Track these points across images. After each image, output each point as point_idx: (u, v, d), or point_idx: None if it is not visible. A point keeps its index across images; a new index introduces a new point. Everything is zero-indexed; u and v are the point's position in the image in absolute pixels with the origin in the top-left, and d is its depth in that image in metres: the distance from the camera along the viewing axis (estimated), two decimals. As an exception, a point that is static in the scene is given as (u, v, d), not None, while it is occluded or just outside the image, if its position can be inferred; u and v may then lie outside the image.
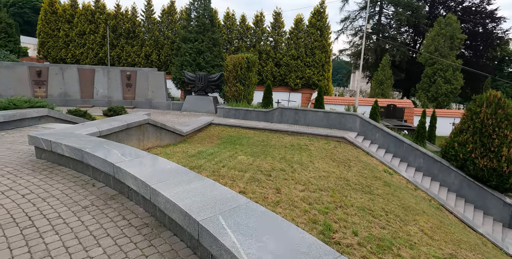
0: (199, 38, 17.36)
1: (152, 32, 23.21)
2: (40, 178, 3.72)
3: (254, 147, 8.59)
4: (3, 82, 14.53)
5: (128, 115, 6.62)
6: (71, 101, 15.51)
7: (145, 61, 23.15)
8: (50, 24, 24.20)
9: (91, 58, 23.68)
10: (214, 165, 5.78)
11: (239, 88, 15.53)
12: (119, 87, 16.07)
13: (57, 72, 15.29)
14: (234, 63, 15.46)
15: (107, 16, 23.75)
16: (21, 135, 6.02)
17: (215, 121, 12.16)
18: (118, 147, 3.84)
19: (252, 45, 22.65)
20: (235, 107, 14.50)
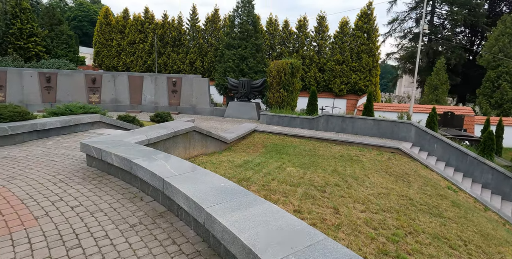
0: (242, 45, 17.33)
1: (196, 39, 23.80)
2: (90, 188, 3.59)
3: (302, 157, 8.07)
4: (63, 89, 15.62)
5: (174, 123, 6.51)
6: (121, 107, 16.22)
7: (189, 68, 23.76)
8: (104, 35, 25.94)
9: (140, 66, 24.87)
10: (263, 177, 5.39)
11: (283, 95, 15.13)
12: (165, 93, 16.51)
13: (109, 80, 16.12)
14: (277, 69, 15.11)
15: (155, 25, 24.86)
16: (75, 140, 6.15)
17: (258, 128, 11.85)
18: (167, 158, 3.60)
19: (295, 51, 22.20)
20: (278, 114, 14.10)
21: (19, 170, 4.14)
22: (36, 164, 4.44)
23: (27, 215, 2.87)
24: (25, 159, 4.68)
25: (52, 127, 6.26)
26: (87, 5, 78.29)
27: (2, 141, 5.45)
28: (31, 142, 5.86)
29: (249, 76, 17.21)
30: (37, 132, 6.03)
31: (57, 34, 22.27)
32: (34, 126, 5.90)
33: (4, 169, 4.15)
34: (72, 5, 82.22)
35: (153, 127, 5.77)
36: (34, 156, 4.91)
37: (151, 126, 5.90)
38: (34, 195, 3.34)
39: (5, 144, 5.49)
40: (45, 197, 3.30)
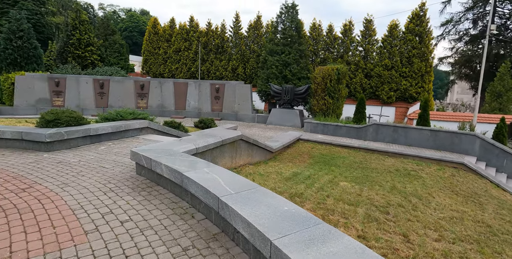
0: (285, 51, 17.02)
1: (239, 46, 24.00)
2: (139, 199, 3.41)
3: (353, 170, 7.44)
4: (114, 94, 16.44)
5: (221, 131, 6.30)
6: (166, 112, 16.66)
7: (231, 75, 23.97)
8: (152, 44, 27.20)
9: (184, 72, 25.64)
10: (316, 193, 4.92)
11: (328, 102, 14.49)
12: (208, 99, 16.67)
13: (156, 86, 16.67)
14: (323, 75, 14.54)
15: (200, 33, 25.53)
16: (124, 146, 6.18)
17: (303, 137, 11.35)
18: (219, 171, 3.31)
19: (339, 56, 21.40)
20: (323, 122, 13.48)
21: (72, 176, 4.12)
22: (88, 170, 4.41)
23: (77, 228, 2.72)
24: (78, 165, 4.70)
25: (104, 132, 6.37)
26: (137, 17, 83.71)
27: (59, 145, 5.60)
28: (84, 146, 5.97)
29: (292, 82, 16.80)
30: (90, 136, 6.15)
31: (110, 43, 23.77)
32: (88, 132, 6.02)
33: (59, 175, 4.16)
34: (124, 17, 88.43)
35: (200, 136, 5.59)
36: (87, 161, 4.94)
37: (199, 134, 5.73)
38: (85, 205, 3.22)
39: (60, 148, 5.64)
40: (95, 208, 3.16)
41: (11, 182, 3.83)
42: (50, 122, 5.91)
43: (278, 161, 8.01)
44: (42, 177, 4.05)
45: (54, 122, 5.92)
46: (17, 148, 5.66)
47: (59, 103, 15.97)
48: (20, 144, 5.64)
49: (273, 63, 16.84)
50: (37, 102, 15.64)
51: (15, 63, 16.72)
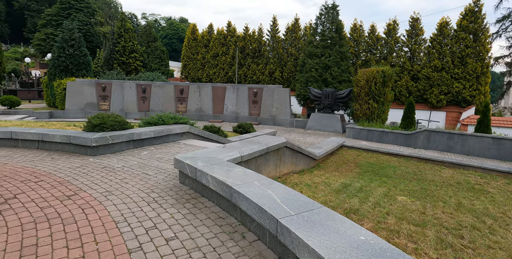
0: (325, 53, 16.40)
1: (276, 50, 23.73)
2: (184, 213, 3.14)
3: (408, 182, 6.72)
4: (155, 99, 16.89)
5: (265, 138, 5.96)
6: (204, 116, 16.76)
7: (268, 79, 23.73)
8: (191, 49, 27.86)
9: (221, 77, 25.89)
10: (373, 208, 4.38)
11: (372, 106, 13.63)
12: (246, 103, 16.51)
13: (195, 90, 16.86)
14: (367, 77, 13.73)
15: (237, 38, 25.67)
16: (166, 151, 6.06)
17: (346, 143, 10.69)
18: (271, 185, 2.95)
19: (382, 58, 20.27)
20: (367, 128, 12.67)
21: (115, 183, 3.99)
22: (131, 177, 4.28)
23: (120, 245, 2.49)
24: (122, 171, 4.60)
25: (146, 137, 6.31)
26: (176, 24, 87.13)
27: (104, 149, 5.60)
28: (128, 151, 5.94)
29: (332, 86, 16.12)
30: (133, 141, 6.12)
31: (152, 50, 24.68)
32: (131, 136, 5.98)
33: (103, 181, 4.06)
34: (164, 25, 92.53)
35: (244, 142, 5.29)
36: (130, 167, 4.84)
37: (242, 141, 5.43)
38: (128, 217, 3.02)
39: (105, 152, 5.63)
40: (139, 221, 2.94)
41: (58, 187, 3.77)
42: (96, 126, 5.96)
43: (323, 169, 7.48)
44: (87, 183, 3.96)
45: (100, 127, 5.96)
46: (65, 151, 5.76)
47: (105, 107, 16.71)
48: (68, 147, 5.73)
49: (312, 66, 16.30)
50: (85, 106, 16.50)
51: (67, 70, 17.84)
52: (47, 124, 8.99)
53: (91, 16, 48.81)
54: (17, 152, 5.72)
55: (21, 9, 71.17)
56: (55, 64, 17.72)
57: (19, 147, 6.12)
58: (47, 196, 3.48)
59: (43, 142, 5.93)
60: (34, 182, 3.97)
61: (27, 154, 5.56)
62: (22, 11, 70.85)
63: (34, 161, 5.09)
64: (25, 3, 70.96)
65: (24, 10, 70.63)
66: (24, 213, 3.02)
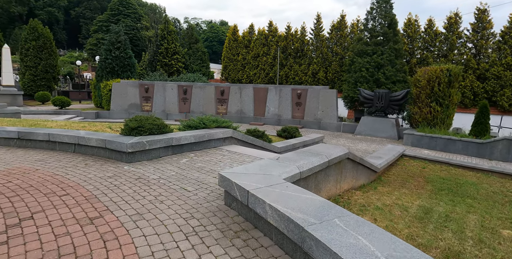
0: (377, 50, 14.91)
1: (320, 49, 22.49)
2: (233, 255, 2.30)
3: (501, 206, 5.34)
4: (195, 100, 16.59)
5: (324, 147, 4.99)
6: (245, 118, 16.11)
7: (311, 79, 22.56)
8: (232, 50, 27.56)
9: (262, 78, 25.20)
10: (480, 250, 3.22)
11: (435, 110, 11.97)
12: (289, 106, 15.57)
13: (236, 91, 16.27)
14: (429, 77, 12.10)
15: (278, 38, 24.84)
16: (208, 160, 5.34)
17: (408, 152, 9.31)
18: (364, 230, 2.00)
19: (442, 55, 18.16)
20: (430, 135, 11.09)
21: (148, 202, 3.29)
22: (167, 194, 3.56)
23: None
24: (158, 184, 3.92)
25: (186, 142, 5.66)
26: (217, 27, 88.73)
27: (140, 155, 5.02)
28: (166, 158, 5.31)
29: (385, 87, 14.60)
30: (172, 147, 5.48)
31: (193, 51, 24.72)
32: (170, 142, 5.35)
33: (134, 199, 3.38)
34: (205, 28, 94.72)
35: (300, 154, 4.37)
36: (167, 178, 4.15)
37: (297, 152, 4.52)
38: (161, 257, 2.24)
39: (142, 158, 5.05)
40: (174, 265, 2.15)
41: (82, 205, 3.15)
42: (134, 130, 5.41)
43: (387, 184, 6.30)
44: (116, 200, 3.30)
45: (137, 130, 5.41)
46: (101, 156, 5.27)
47: (147, 108, 16.74)
48: (104, 152, 5.24)
49: (362, 66, 14.90)
50: (129, 107, 16.65)
51: (113, 72, 18.24)
52: (89, 125, 8.80)
53: (138, 21, 51.07)
54: (53, 156, 5.34)
55: (77, 17, 77.02)
56: (102, 66, 18.21)
57: (56, 150, 5.78)
58: (68, 218, 2.84)
59: (79, 145, 5.51)
60: (59, 196, 3.40)
61: (62, 158, 5.15)
62: (78, 19, 76.66)
63: (67, 167, 4.62)
64: (80, 11, 76.65)
65: (80, 18, 76.32)
66: (34, 244, 2.39)
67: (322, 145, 5.20)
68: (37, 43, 22.70)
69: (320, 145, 5.22)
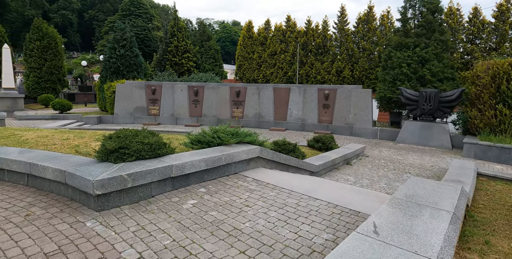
0: (420, 43, 12.66)
1: (345, 45, 20.29)
2: None
3: None
4: (208, 102, 14.73)
5: (421, 185, 2.96)
6: (264, 123, 14.15)
7: (335, 78, 20.39)
8: (246, 48, 25.68)
9: (280, 77, 23.19)
10: None
11: (501, 113, 9.67)
12: (314, 108, 13.50)
13: (254, 92, 14.33)
14: (493, 73, 9.82)
15: (297, 34, 22.81)
16: (227, 201, 3.40)
17: (482, 171, 7.10)
18: None
19: (492, 48, 15.69)
20: (500, 145, 8.82)
21: None
22: None
23: None
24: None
25: (194, 171, 3.72)
26: (229, 27, 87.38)
27: (119, 198, 3.11)
28: (161, 198, 3.39)
29: (431, 85, 12.33)
30: (172, 179, 3.56)
31: (206, 49, 22.95)
32: (168, 172, 3.43)
33: None
34: (217, 28, 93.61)
35: (401, 206, 2.35)
36: (160, 256, 2.21)
37: (403, 209, 2.49)
38: None
39: (121, 202, 3.14)
40: None
41: None
42: (113, 153, 3.51)
43: (490, 228, 4.17)
44: None
45: (118, 154, 3.50)
46: (62, 196, 3.40)
47: (154, 111, 15.01)
48: (65, 190, 3.36)
49: (403, 61, 12.68)
50: (134, 110, 14.96)
51: (118, 72, 16.62)
52: (76, 136, 7.01)
53: (149, 22, 49.98)
54: (-8, 192, 3.50)
55: (91, 20, 77.09)
56: (106, 66, 16.63)
57: (5, 181, 3.96)
58: None
59: (33, 176, 3.65)
60: None
61: (3, 198, 3.31)
62: (91, 21, 76.72)
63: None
64: (94, 14, 76.70)
65: (93, 20, 76.35)
66: None
67: (418, 181, 3.17)
68: (41, 44, 21.42)
69: (414, 182, 3.17)
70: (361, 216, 3.02)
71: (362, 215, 3.03)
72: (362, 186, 6.18)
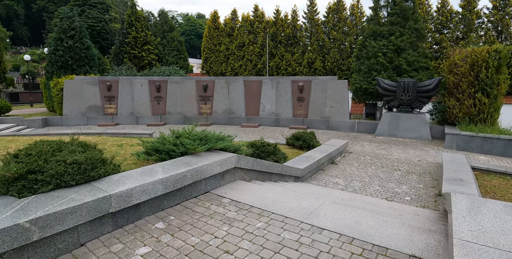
0: (396, 31, 12.19)
1: (315, 35, 19.62)
2: None
3: None
4: (172, 98, 13.35)
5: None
6: (235, 119, 13.08)
7: (307, 70, 19.72)
8: (212, 40, 24.23)
9: (249, 70, 22.12)
10: None
11: (481, 102, 9.41)
12: (288, 102, 12.65)
13: (222, 86, 13.17)
14: (472, 61, 9.50)
15: (266, 24, 21.79)
16: (196, 243, 2.34)
17: (474, 164, 6.62)
18: None
19: (459, 38, 15.75)
20: (483, 135, 8.51)
21: None
22: None
23: None
24: None
25: (146, 199, 2.60)
26: (194, 20, 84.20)
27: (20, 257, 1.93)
28: (96, 247, 2.26)
29: (408, 75, 11.94)
30: (113, 216, 2.42)
31: (168, 41, 21.23)
32: (104, 207, 2.29)
33: None
34: (181, 21, 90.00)
35: None
36: None
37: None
38: None
39: None
40: None
41: None
42: (17, 181, 2.30)
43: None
44: None
45: (26, 182, 2.31)
46: None
47: (111, 111, 13.35)
48: None
49: (378, 50, 12.15)
50: (88, 110, 13.19)
51: (66, 66, 14.62)
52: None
53: (106, 13, 46.32)
54: None
55: (40, 11, 70.36)
56: (52, 60, 14.55)
57: None
58: None
59: None
60: None
61: None
62: (40, 13, 70.01)
63: None
64: (43, 4, 70.06)
65: (42, 12, 69.71)
66: None
67: (474, 202, 2.31)
68: (-27, 35, 18.48)
69: (468, 204, 2.31)
70: (392, 256, 2.12)
71: (394, 254, 2.13)
72: (354, 190, 5.40)
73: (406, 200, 4.99)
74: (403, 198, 5.06)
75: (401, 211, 3.73)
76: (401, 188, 5.54)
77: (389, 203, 4.29)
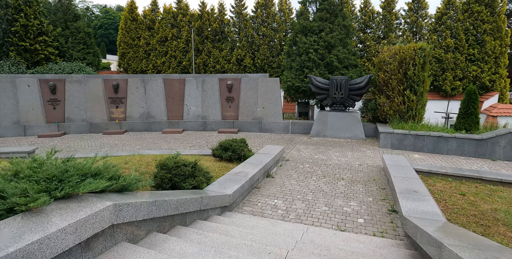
0: (326, 27, 11.75)
1: (244, 31, 18.56)
2: None
3: None
4: (73, 102, 10.81)
5: None
6: (155, 125, 11.18)
7: (236, 68, 18.55)
8: (130, 33, 21.42)
9: (173, 67, 20.03)
10: None
11: (409, 99, 9.38)
12: (217, 102, 11.27)
13: (138, 86, 11.13)
14: (400, 58, 9.41)
15: (191, 17, 19.97)
16: None
17: (415, 167, 6.17)
18: None
19: (381, 37, 16.32)
20: (415, 132, 8.38)
21: None
22: None
23: None
24: None
25: None
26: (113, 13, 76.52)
27: None
28: None
29: (339, 72, 11.59)
30: None
31: (72, 32, 17.86)
32: None
33: None
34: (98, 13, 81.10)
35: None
36: None
37: None
38: None
39: None
40: None
41: None
42: None
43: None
44: None
45: None
46: None
47: (-14, 119, 10.22)
48: None
49: (309, 46, 11.55)
50: None
51: None
52: None
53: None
54: None
55: None
56: None
57: None
58: None
59: None
60: None
61: None
62: None
63: None
64: None
65: None
66: None
67: None
68: None
69: None
70: None
71: None
72: (298, 215, 4.31)
73: (359, 224, 4.08)
74: (356, 221, 4.14)
75: (364, 256, 2.69)
76: (350, 206, 4.65)
77: (345, 239, 3.26)
